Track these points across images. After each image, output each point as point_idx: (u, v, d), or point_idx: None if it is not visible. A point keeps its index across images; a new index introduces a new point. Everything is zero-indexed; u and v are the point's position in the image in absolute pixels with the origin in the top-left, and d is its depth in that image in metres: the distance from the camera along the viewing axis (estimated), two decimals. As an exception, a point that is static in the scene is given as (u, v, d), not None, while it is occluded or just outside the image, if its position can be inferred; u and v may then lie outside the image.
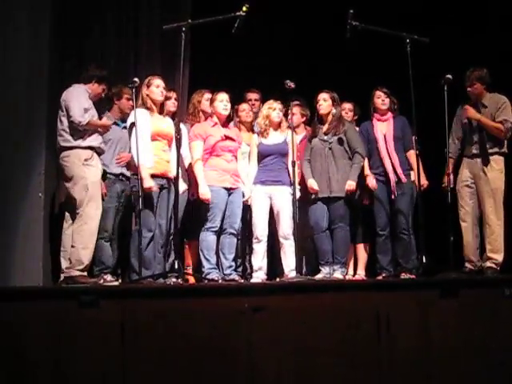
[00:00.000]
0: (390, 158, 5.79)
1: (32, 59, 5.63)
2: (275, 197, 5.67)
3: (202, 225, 5.55)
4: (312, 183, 5.69)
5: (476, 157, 5.70)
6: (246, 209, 5.76)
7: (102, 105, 5.76)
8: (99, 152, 5.40)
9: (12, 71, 5.44)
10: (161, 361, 4.08)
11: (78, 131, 5.24)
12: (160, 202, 5.43)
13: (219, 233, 5.58)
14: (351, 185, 5.60)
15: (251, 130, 6.06)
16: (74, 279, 5.10)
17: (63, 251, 5.39)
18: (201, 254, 5.52)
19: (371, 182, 5.77)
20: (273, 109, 5.79)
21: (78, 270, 5.14)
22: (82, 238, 5.17)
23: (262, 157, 5.78)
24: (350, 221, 5.71)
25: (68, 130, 5.26)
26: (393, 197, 5.75)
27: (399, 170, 5.76)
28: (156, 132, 5.44)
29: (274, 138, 5.80)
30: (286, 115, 5.87)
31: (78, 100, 5.24)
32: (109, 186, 5.74)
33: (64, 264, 5.31)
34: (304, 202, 5.74)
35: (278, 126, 5.83)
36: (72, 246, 5.20)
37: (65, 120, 5.27)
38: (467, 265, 5.69)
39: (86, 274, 5.17)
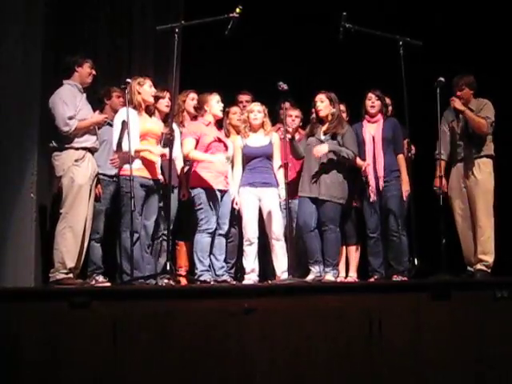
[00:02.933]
0: (375, 162, 5.78)
1: (25, 61, 5.61)
2: (265, 199, 5.67)
3: (194, 226, 5.56)
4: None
5: (465, 160, 5.72)
6: (236, 211, 5.76)
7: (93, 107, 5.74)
8: (93, 151, 5.39)
9: (5, 72, 5.42)
10: (152, 362, 4.08)
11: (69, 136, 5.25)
12: (147, 203, 5.42)
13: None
14: (320, 151, 5.53)
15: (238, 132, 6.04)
16: (60, 282, 5.09)
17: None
18: (195, 255, 5.52)
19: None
20: (250, 111, 5.80)
21: (62, 272, 5.12)
22: (65, 241, 5.16)
23: (247, 159, 5.78)
24: (340, 222, 5.71)
25: (58, 133, 5.26)
26: (371, 200, 5.74)
27: (380, 174, 5.74)
28: (145, 131, 5.41)
29: (259, 139, 5.79)
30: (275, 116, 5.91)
31: (62, 109, 5.21)
32: (103, 188, 5.72)
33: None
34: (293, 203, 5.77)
35: (259, 128, 5.82)
36: (55, 248, 5.19)
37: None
38: (469, 268, 5.70)
39: (71, 275, 5.16)
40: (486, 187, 5.63)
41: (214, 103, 5.72)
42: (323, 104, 5.77)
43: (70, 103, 5.27)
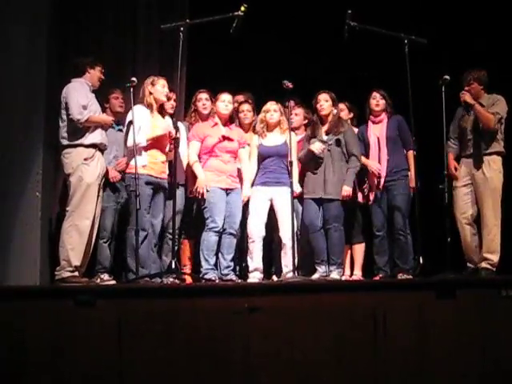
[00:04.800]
0: (380, 162, 5.78)
1: (30, 59, 5.63)
2: (277, 198, 5.67)
3: (200, 224, 5.56)
4: (318, 145, 5.67)
5: (474, 156, 5.68)
6: (245, 209, 5.76)
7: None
8: (102, 149, 5.41)
9: (10, 71, 5.44)
10: (157, 360, 4.08)
11: (79, 129, 5.24)
12: (154, 202, 5.43)
13: (220, 233, 5.59)
14: (347, 191, 5.60)
15: (252, 130, 6.04)
16: (66, 280, 5.10)
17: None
18: (201, 253, 5.52)
19: (374, 166, 5.78)
20: (266, 111, 5.80)
21: (68, 271, 5.13)
22: (70, 239, 5.17)
23: (262, 158, 5.79)
24: (345, 221, 5.71)
25: (72, 128, 5.26)
26: (369, 203, 5.78)
27: (383, 174, 5.74)
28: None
29: (274, 139, 5.80)
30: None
31: (77, 97, 5.24)
32: (107, 186, 5.74)
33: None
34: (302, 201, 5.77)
35: (276, 127, 5.83)
36: (60, 246, 5.20)
37: (66, 118, 5.27)
38: (469, 265, 5.68)
39: (77, 274, 5.16)
40: (494, 185, 5.59)
41: (219, 103, 5.75)
42: (327, 103, 5.79)
43: (83, 94, 5.31)
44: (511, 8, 6.56)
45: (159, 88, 5.52)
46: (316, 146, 5.67)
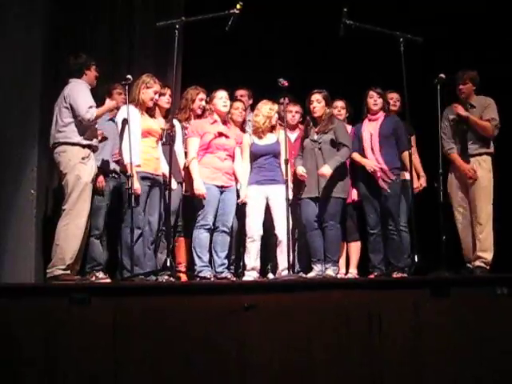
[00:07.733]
0: (375, 158, 5.79)
1: (25, 58, 5.62)
2: (272, 196, 5.68)
3: (195, 222, 5.56)
4: (300, 170, 5.68)
5: (465, 157, 5.73)
6: (241, 207, 5.75)
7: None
8: (95, 150, 5.41)
9: (5, 70, 5.44)
10: (152, 359, 4.08)
11: (80, 128, 5.24)
12: (150, 199, 5.43)
13: (213, 230, 5.58)
14: (327, 170, 5.54)
15: (242, 129, 6.03)
16: (58, 278, 5.08)
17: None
18: (193, 251, 5.53)
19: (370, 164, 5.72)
20: (275, 111, 5.79)
21: (60, 268, 5.11)
22: (67, 237, 5.16)
23: (255, 157, 5.79)
24: (341, 219, 5.71)
25: (71, 127, 5.24)
26: (386, 191, 5.72)
27: (384, 168, 5.73)
28: (146, 129, 5.43)
29: (267, 138, 5.81)
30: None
31: (84, 97, 5.24)
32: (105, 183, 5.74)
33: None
34: (298, 199, 5.77)
35: (274, 128, 5.85)
36: (55, 244, 5.18)
37: (68, 116, 5.24)
38: (469, 265, 5.70)
39: (69, 272, 5.15)
40: (484, 184, 5.65)
41: (217, 100, 5.73)
42: (320, 104, 5.79)
43: (88, 94, 5.31)
44: (508, 7, 6.57)
45: (150, 93, 5.51)
46: (299, 171, 5.69)
